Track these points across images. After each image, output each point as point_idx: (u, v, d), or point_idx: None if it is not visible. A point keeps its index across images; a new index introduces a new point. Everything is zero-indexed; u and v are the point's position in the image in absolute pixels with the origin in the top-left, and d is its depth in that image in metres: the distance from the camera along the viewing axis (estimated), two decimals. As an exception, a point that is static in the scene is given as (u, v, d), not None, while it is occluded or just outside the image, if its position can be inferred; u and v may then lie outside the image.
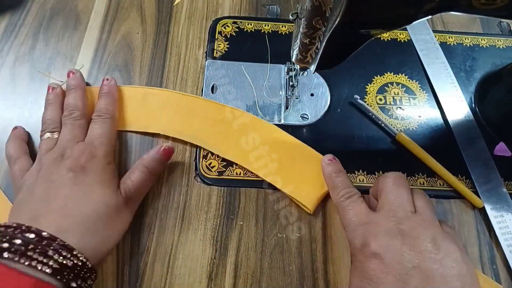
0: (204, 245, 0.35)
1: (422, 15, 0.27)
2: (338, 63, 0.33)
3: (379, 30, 0.30)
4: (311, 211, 0.36)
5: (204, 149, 0.39)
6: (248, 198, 0.37)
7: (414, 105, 0.43)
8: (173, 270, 0.34)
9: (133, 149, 0.39)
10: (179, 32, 0.46)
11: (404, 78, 0.45)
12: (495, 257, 0.36)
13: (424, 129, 0.42)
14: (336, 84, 0.44)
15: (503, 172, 0.39)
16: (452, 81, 0.44)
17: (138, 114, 0.40)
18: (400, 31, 0.48)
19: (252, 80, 0.43)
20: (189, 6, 0.48)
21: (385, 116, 0.42)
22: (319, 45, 0.30)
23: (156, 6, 0.48)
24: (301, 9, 0.29)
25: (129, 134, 0.40)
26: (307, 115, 0.42)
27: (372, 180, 0.39)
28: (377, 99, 0.43)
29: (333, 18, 0.26)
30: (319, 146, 0.40)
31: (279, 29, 0.47)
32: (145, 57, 0.44)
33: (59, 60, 0.44)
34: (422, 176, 0.39)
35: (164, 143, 0.38)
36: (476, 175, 0.39)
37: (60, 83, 0.41)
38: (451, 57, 0.46)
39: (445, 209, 0.38)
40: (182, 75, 0.43)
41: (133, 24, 0.46)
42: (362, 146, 0.40)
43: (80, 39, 0.45)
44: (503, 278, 0.35)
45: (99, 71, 0.43)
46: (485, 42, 0.47)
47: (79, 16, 0.46)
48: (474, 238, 0.37)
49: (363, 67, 0.45)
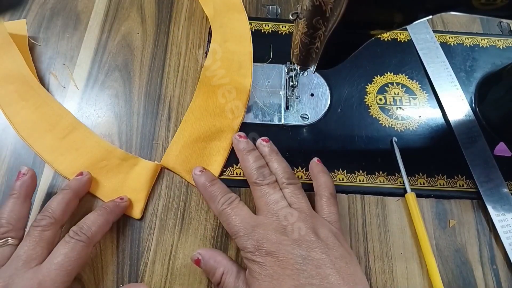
0: (204, 245, 0.35)
1: (423, 15, 0.27)
2: (338, 63, 0.33)
3: (379, 30, 0.30)
4: (139, 216, 0.36)
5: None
6: (248, 198, 0.37)
7: (414, 105, 0.43)
8: (173, 270, 0.34)
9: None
10: (179, 32, 0.46)
11: (404, 78, 0.44)
12: (495, 257, 0.36)
13: (424, 129, 0.41)
14: (336, 84, 0.44)
15: (503, 172, 0.39)
16: (453, 80, 0.44)
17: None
18: (400, 31, 0.48)
19: (252, 80, 0.43)
20: (189, 6, 0.48)
21: (386, 116, 0.42)
22: (319, 45, 0.30)
23: (156, 6, 0.48)
24: (301, 9, 0.29)
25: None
26: (307, 115, 0.42)
27: (372, 180, 0.39)
28: (377, 99, 0.43)
29: (333, 18, 0.26)
30: (319, 146, 0.40)
31: (279, 29, 0.47)
32: (145, 57, 0.44)
33: (59, 60, 0.44)
34: (422, 176, 0.39)
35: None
36: (477, 174, 0.39)
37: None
38: (451, 57, 0.46)
39: (445, 209, 0.38)
40: (182, 75, 0.43)
41: (133, 24, 0.46)
42: (362, 146, 0.40)
43: (80, 39, 0.45)
44: (503, 278, 0.35)
45: (99, 71, 0.43)
46: (485, 42, 0.47)
47: (79, 16, 0.46)
48: (474, 238, 0.37)
49: (363, 67, 0.45)
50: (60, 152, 0.38)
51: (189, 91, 0.42)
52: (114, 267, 0.34)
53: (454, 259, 0.36)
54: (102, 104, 0.41)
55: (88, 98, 0.42)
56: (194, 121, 0.40)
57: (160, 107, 0.41)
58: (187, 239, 0.35)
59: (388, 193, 0.38)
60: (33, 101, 0.39)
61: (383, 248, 0.36)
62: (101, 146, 0.38)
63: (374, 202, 0.38)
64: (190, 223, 0.36)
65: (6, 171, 0.37)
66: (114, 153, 0.38)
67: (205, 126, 0.40)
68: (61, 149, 0.38)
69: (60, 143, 0.38)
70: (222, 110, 0.40)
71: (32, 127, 0.39)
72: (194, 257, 0.33)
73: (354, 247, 0.36)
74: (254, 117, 0.41)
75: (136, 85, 0.43)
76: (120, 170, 0.38)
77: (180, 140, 0.39)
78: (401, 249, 0.36)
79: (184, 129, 0.40)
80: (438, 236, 0.36)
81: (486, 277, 0.35)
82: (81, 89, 0.42)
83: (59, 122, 0.39)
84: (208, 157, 0.39)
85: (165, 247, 0.35)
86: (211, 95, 0.41)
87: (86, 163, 0.37)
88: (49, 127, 0.39)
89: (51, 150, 0.38)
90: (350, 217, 0.37)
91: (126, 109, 0.41)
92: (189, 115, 0.40)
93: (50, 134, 0.38)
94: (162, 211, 0.37)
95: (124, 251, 0.35)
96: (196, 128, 0.39)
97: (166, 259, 0.35)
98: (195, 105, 0.41)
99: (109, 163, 0.38)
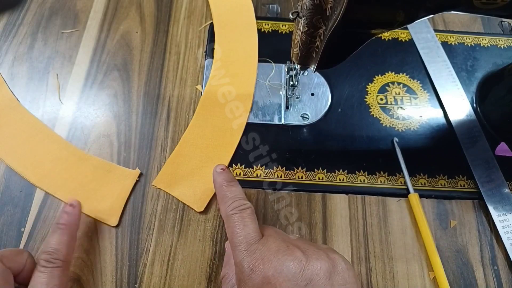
0: (204, 246, 0.35)
1: (423, 14, 0.27)
2: (338, 62, 0.32)
3: (380, 29, 0.29)
4: (115, 224, 0.35)
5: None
6: (248, 198, 0.37)
7: (415, 105, 0.43)
8: (172, 271, 0.34)
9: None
10: (178, 32, 0.46)
11: (405, 78, 0.44)
12: (496, 258, 0.36)
13: (425, 129, 0.41)
14: (337, 84, 0.43)
15: (504, 173, 0.38)
16: (454, 80, 0.44)
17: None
18: (401, 30, 0.47)
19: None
20: (189, 5, 0.48)
21: (386, 116, 0.42)
22: (320, 44, 0.30)
23: (155, 5, 0.47)
24: (301, 8, 0.28)
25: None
26: (308, 115, 0.41)
27: (372, 181, 0.38)
28: (378, 99, 0.43)
29: (333, 17, 0.26)
30: (320, 146, 0.40)
31: (279, 28, 0.47)
32: (144, 57, 0.44)
33: (58, 59, 0.43)
34: (423, 177, 0.39)
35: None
36: (478, 174, 0.38)
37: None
38: (452, 56, 0.45)
39: (446, 209, 0.38)
40: (181, 75, 0.43)
41: (132, 23, 0.46)
42: (363, 146, 0.40)
43: (79, 38, 0.45)
44: (504, 279, 0.35)
45: (98, 71, 0.43)
46: (486, 42, 0.47)
47: (78, 15, 0.46)
48: (475, 238, 0.36)
49: (364, 66, 0.45)
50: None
51: (188, 90, 0.42)
52: (113, 268, 0.34)
53: (455, 259, 0.35)
54: (100, 103, 0.41)
55: (86, 98, 0.41)
56: (192, 141, 0.39)
57: (159, 107, 0.41)
58: (186, 240, 0.35)
59: (389, 193, 0.38)
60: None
61: (383, 249, 0.36)
62: (73, 153, 0.38)
63: (375, 202, 0.38)
64: (190, 224, 0.36)
65: (6, 171, 0.37)
66: (90, 160, 0.38)
67: (203, 146, 0.39)
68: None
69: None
70: (224, 125, 0.40)
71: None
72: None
73: (355, 247, 0.36)
74: (254, 117, 0.41)
75: (135, 84, 0.42)
76: (95, 178, 0.37)
77: (175, 160, 0.38)
78: (402, 250, 0.35)
79: (180, 151, 0.39)
80: (439, 236, 0.36)
81: (487, 277, 0.35)
82: (79, 88, 0.42)
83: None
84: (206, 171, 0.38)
85: (164, 248, 0.35)
86: (214, 112, 0.41)
87: (59, 170, 0.37)
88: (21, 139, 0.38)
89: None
90: (350, 218, 0.37)
91: (125, 109, 0.41)
92: (188, 136, 0.40)
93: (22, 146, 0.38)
94: (161, 212, 0.36)
95: (123, 252, 0.34)
96: (193, 148, 0.39)
97: (166, 260, 0.34)
98: (196, 123, 0.40)
99: (83, 171, 0.37)
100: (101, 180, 0.37)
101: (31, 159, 0.38)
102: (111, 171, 0.38)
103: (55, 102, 0.41)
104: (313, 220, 0.37)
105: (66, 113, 0.41)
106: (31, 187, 0.37)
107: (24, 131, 0.39)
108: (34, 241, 0.35)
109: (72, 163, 0.38)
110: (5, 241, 0.34)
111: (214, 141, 0.39)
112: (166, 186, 0.37)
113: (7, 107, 0.40)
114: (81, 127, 0.40)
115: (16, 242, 0.34)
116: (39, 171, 0.37)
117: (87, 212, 0.36)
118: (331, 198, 0.37)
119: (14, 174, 0.37)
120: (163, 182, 0.37)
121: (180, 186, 0.37)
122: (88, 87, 0.42)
